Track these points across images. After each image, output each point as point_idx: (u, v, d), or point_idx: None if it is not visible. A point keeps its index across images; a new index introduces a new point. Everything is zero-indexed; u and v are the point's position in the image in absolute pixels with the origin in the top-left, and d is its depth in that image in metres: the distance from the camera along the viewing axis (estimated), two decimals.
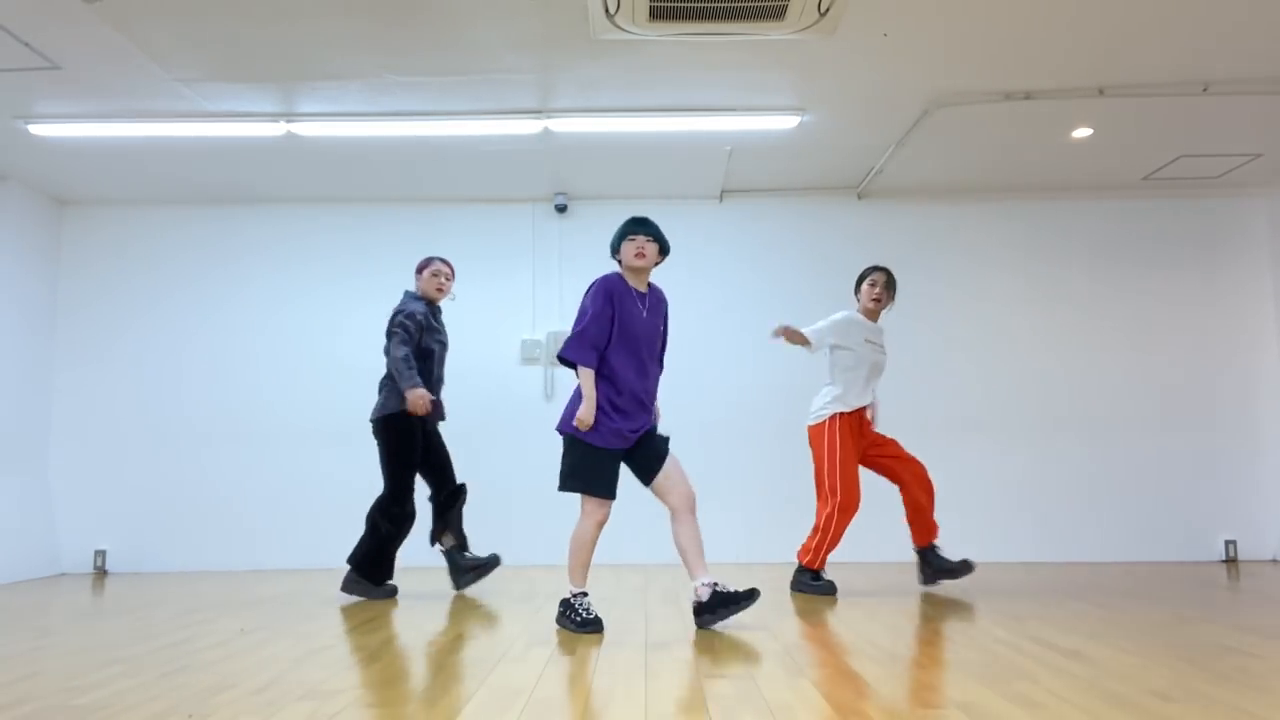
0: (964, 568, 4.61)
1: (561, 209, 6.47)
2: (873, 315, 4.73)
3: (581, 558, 3.57)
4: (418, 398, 4.49)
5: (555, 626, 3.68)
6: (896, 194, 6.45)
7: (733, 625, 3.65)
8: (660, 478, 3.60)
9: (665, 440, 3.67)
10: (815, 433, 4.64)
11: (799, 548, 4.67)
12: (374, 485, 6.22)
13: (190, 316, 6.42)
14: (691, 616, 3.67)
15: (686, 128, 5.18)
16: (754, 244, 6.49)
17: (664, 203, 6.52)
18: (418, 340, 4.63)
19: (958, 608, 4.07)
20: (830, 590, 4.52)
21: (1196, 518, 6.21)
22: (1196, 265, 6.43)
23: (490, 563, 4.76)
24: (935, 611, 3.97)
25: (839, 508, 4.49)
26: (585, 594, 3.61)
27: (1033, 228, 6.48)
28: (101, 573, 6.11)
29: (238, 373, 6.36)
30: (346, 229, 6.50)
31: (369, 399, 6.32)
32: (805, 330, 4.61)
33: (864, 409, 4.68)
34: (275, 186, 6.20)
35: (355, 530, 6.19)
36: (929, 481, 4.65)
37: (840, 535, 4.54)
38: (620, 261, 3.72)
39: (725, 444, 6.26)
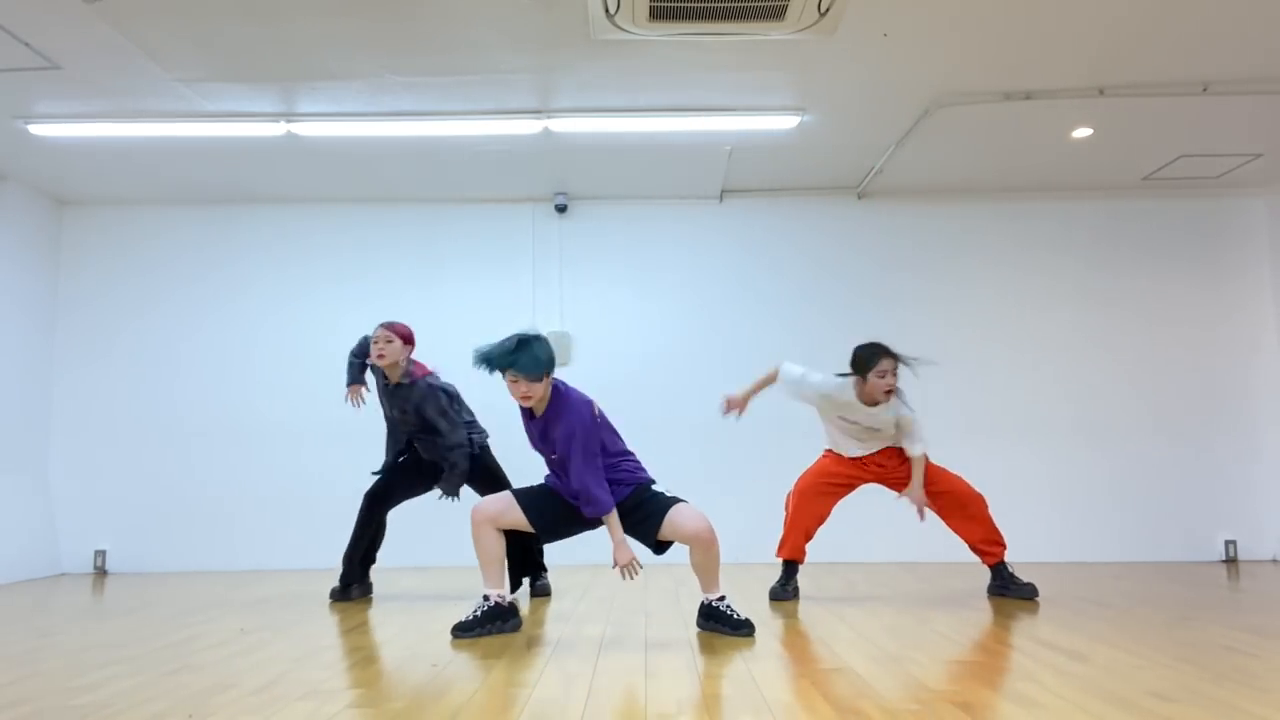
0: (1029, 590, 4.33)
1: (561, 209, 6.47)
2: (874, 398, 4.27)
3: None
4: None
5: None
6: (896, 194, 6.45)
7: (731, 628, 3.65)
8: (665, 529, 3.42)
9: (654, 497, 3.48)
10: None
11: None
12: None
13: (190, 316, 6.42)
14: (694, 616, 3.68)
15: (686, 128, 5.18)
16: (754, 244, 6.49)
17: (664, 203, 6.52)
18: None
19: (958, 608, 4.07)
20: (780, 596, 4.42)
21: (1196, 518, 6.21)
22: (1196, 265, 6.43)
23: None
24: (935, 612, 3.97)
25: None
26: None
27: (1032, 228, 6.48)
28: (101, 573, 6.10)
29: (238, 372, 6.36)
30: (346, 229, 6.50)
31: (368, 398, 6.32)
32: (783, 373, 4.46)
33: (865, 459, 4.44)
34: (275, 186, 6.19)
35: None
36: (970, 501, 4.38)
37: (789, 524, 4.46)
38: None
39: (724, 444, 6.25)
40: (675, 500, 3.46)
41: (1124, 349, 6.37)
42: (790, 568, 4.50)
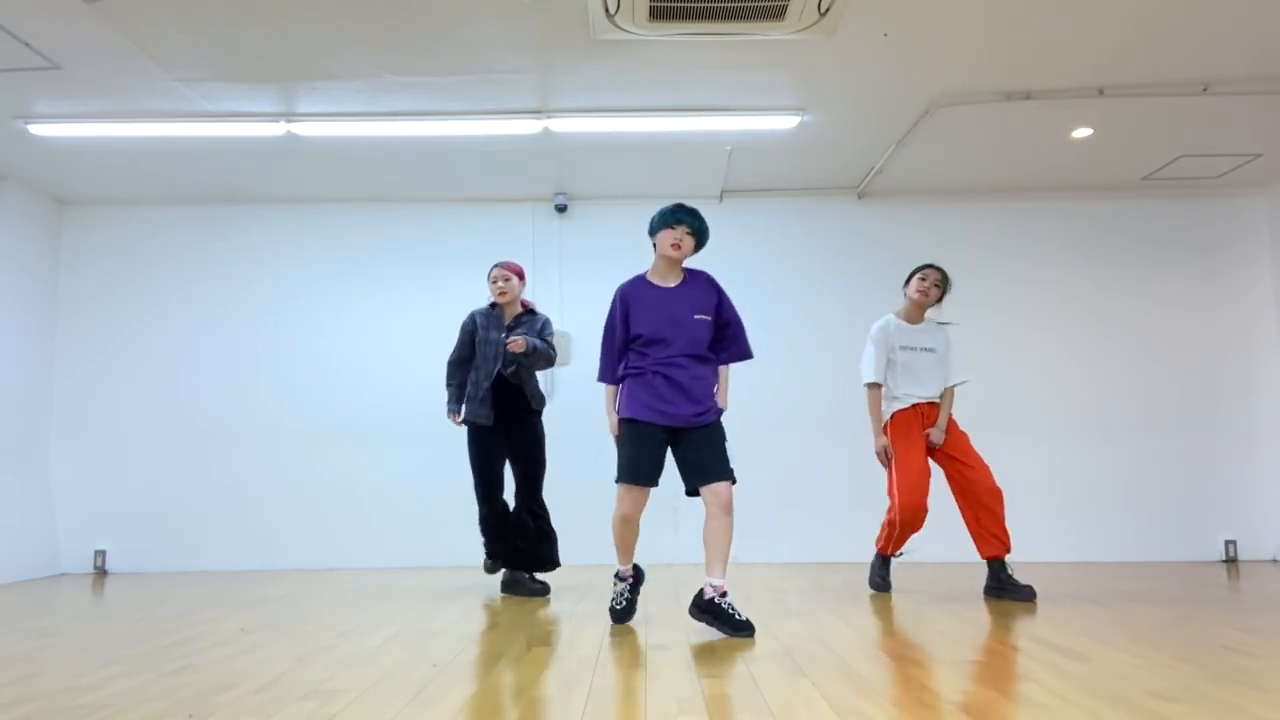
0: (1028, 593, 4.32)
1: (561, 209, 6.47)
2: (916, 312, 4.57)
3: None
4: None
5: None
6: (896, 194, 6.45)
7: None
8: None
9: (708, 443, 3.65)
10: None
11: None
12: (373, 484, 6.25)
13: (190, 316, 6.42)
14: (688, 611, 3.65)
15: (686, 128, 5.18)
16: (754, 244, 6.49)
17: (664, 203, 6.50)
18: (466, 343, 4.71)
19: (958, 608, 4.07)
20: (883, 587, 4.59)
21: (1196, 518, 6.21)
22: (1196, 265, 6.44)
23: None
24: (936, 612, 3.97)
25: (896, 520, 4.40)
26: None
27: (1033, 228, 6.48)
28: (101, 573, 6.10)
29: (238, 372, 6.36)
30: (346, 229, 6.50)
31: (369, 398, 6.35)
32: (869, 382, 4.55)
33: (925, 404, 4.48)
34: (275, 186, 6.20)
35: (355, 529, 6.22)
36: (987, 491, 4.35)
37: (899, 543, 4.52)
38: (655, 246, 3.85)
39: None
40: (729, 472, 3.67)
41: (1123, 348, 6.37)
42: (886, 563, 4.61)
